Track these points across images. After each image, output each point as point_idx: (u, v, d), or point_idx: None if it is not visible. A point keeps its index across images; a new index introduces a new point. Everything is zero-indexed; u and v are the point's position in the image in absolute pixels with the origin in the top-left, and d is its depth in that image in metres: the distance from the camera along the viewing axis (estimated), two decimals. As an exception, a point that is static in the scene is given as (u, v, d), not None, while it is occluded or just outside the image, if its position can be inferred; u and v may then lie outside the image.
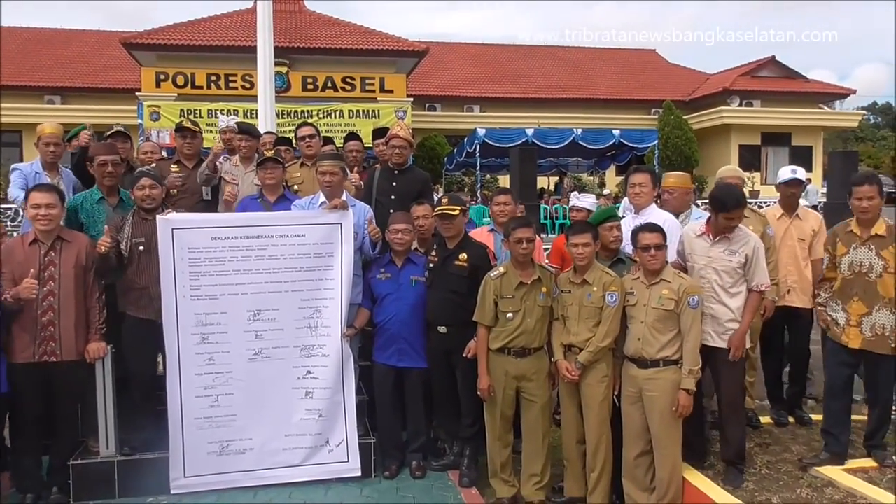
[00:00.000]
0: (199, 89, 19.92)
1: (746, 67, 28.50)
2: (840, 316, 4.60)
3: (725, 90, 26.70)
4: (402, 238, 4.96)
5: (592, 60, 30.53)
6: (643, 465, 4.37)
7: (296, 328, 4.84)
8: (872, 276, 4.44)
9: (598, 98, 27.37)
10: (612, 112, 26.18)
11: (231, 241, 4.72)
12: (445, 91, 26.53)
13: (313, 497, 4.69)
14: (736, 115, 26.05)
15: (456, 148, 19.76)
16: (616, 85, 28.65)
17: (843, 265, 4.58)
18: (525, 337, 4.49)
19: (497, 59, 29.61)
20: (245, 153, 5.94)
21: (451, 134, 23.12)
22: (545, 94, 27.44)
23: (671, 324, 4.23)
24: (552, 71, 29.25)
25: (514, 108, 26.03)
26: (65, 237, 4.56)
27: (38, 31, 27.66)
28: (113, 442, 4.70)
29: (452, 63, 28.30)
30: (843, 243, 4.59)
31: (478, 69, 28.59)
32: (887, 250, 4.40)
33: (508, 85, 27.76)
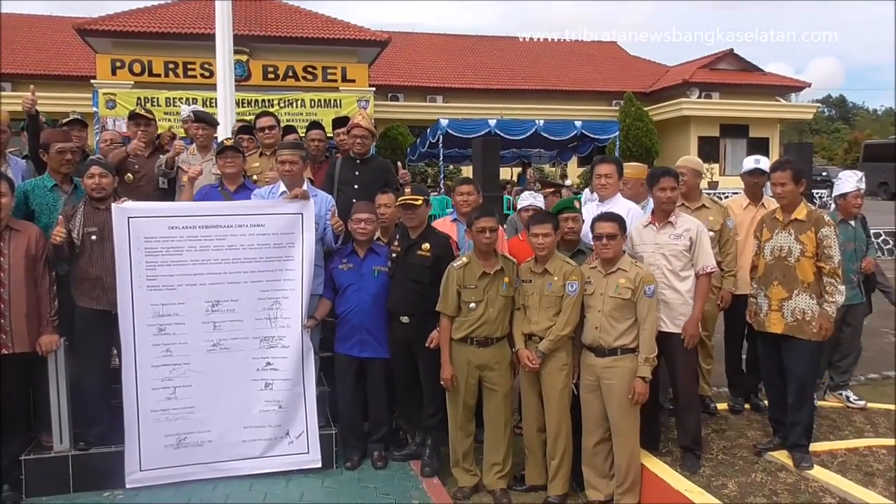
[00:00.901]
0: (156, 77, 19.49)
1: (705, 60, 28.93)
2: (763, 301, 4.67)
3: (685, 82, 27.08)
4: (365, 228, 4.93)
5: (554, 52, 30.67)
6: (602, 452, 4.43)
7: (255, 319, 4.77)
8: (791, 261, 4.51)
9: (559, 89, 27.52)
10: (573, 103, 26.34)
11: (189, 231, 4.63)
12: (408, 81, 26.43)
13: (274, 489, 4.65)
14: (695, 106, 26.43)
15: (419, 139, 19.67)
16: (578, 76, 28.85)
17: (766, 250, 4.66)
18: (487, 327, 4.50)
19: (460, 50, 29.58)
20: (202, 142, 5.85)
21: (414, 124, 23.03)
22: (508, 85, 27.50)
23: (628, 312, 4.28)
24: (515, 62, 29.32)
25: (476, 99, 26.05)
26: (13, 226, 4.44)
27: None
28: (67, 436, 4.59)
29: (415, 53, 28.19)
30: (769, 228, 4.68)
31: (441, 59, 28.54)
32: (806, 234, 4.46)
33: (471, 76, 27.76)
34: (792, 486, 4.25)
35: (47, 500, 4.47)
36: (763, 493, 4.18)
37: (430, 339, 4.71)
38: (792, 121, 30.78)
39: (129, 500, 4.50)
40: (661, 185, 4.61)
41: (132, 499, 4.51)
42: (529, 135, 16.87)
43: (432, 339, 4.70)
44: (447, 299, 4.56)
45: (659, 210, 4.66)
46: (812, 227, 4.46)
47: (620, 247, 4.38)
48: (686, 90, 26.99)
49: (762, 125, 27.52)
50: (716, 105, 27.09)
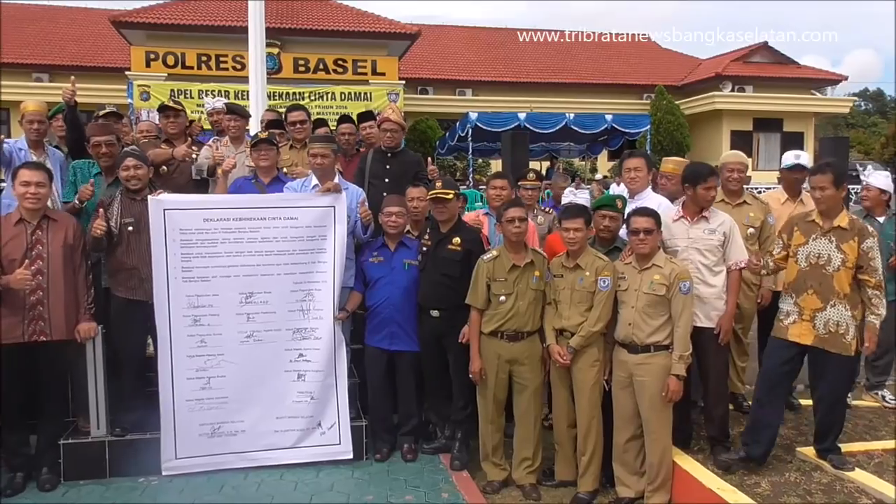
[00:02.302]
0: (189, 69, 19.72)
1: (739, 53, 28.51)
2: (792, 309, 4.35)
3: (718, 76, 26.71)
4: (396, 221, 4.94)
5: (585, 45, 30.41)
6: (633, 449, 4.40)
7: (288, 311, 4.82)
8: (830, 270, 4.23)
9: (590, 83, 27.32)
10: (604, 97, 26.12)
11: (223, 223, 4.69)
12: (438, 74, 26.39)
13: (305, 479, 4.69)
14: (728, 100, 26.07)
15: (448, 132, 19.68)
16: (609, 69, 28.60)
17: (799, 256, 4.35)
18: (517, 320, 4.49)
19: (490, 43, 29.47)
20: (234, 133, 5.90)
21: (443, 118, 23.03)
22: (538, 78, 27.35)
23: (662, 309, 4.24)
24: (545, 55, 29.14)
25: (506, 92, 25.95)
26: (51, 216, 4.52)
27: (25, 8, 27.28)
28: (104, 422, 4.69)
29: (445, 46, 28.15)
30: (802, 233, 4.36)
31: (471, 52, 28.46)
32: (848, 244, 4.19)
33: (501, 69, 27.65)
34: (827, 487, 4.19)
35: (84, 484, 4.57)
36: (797, 492, 4.12)
37: (463, 335, 4.71)
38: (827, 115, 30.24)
39: (164, 485, 4.57)
40: (709, 183, 4.51)
41: (166, 485, 4.58)
42: (559, 128, 16.83)
43: (464, 334, 4.70)
44: (476, 292, 4.56)
45: (695, 205, 4.60)
46: (855, 237, 4.22)
47: (657, 242, 4.34)
48: (719, 83, 26.63)
49: (797, 119, 27.05)
50: (749, 99, 26.70)
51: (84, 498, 4.41)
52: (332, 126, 7.45)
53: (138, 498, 4.43)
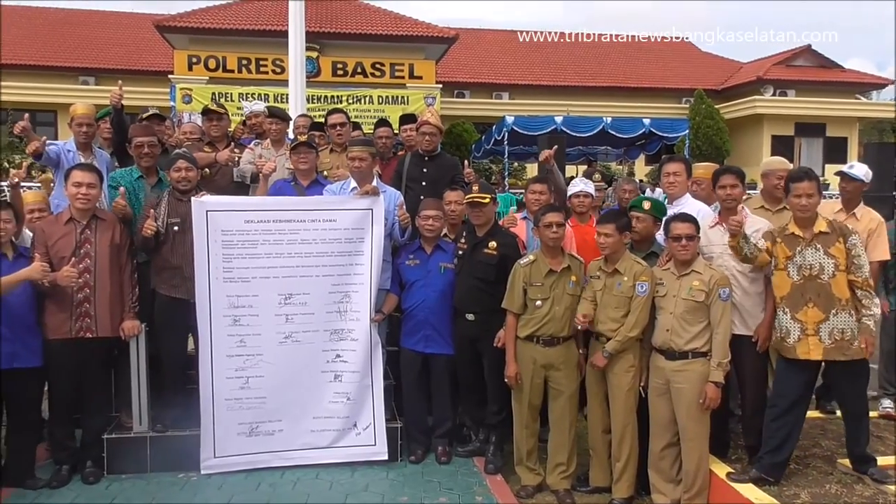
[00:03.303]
0: (230, 73, 20.03)
1: (781, 56, 27.99)
2: (792, 326, 4.19)
3: (759, 79, 26.26)
4: (433, 225, 4.97)
5: (623, 48, 30.16)
6: (669, 456, 4.36)
7: (326, 312, 4.88)
8: (825, 279, 4.12)
9: (628, 86, 27.06)
10: (642, 100, 25.88)
11: (264, 225, 4.77)
12: (474, 78, 26.39)
13: (340, 479, 4.74)
14: (769, 104, 25.60)
15: (484, 135, 19.66)
16: (647, 73, 28.30)
17: (790, 269, 4.21)
18: (553, 325, 4.48)
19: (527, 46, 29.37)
20: (275, 136, 5.99)
21: (479, 121, 23.00)
22: (575, 81, 27.18)
23: (700, 315, 4.20)
24: (582, 58, 28.96)
25: (543, 96, 25.84)
26: (100, 216, 4.66)
27: (72, 12, 27.98)
28: (145, 418, 4.80)
29: (482, 49, 28.15)
30: (787, 245, 4.23)
31: (507, 56, 28.41)
32: (835, 247, 4.11)
33: (538, 72, 27.55)
34: (869, 500, 4.11)
35: (126, 478, 4.68)
36: (838, 505, 4.06)
37: (498, 339, 4.72)
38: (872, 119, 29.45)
39: (202, 482, 4.66)
40: (721, 182, 4.52)
41: (205, 481, 4.67)
42: (596, 132, 16.70)
43: (499, 338, 4.71)
44: (513, 296, 4.57)
45: (724, 209, 4.56)
46: (839, 238, 4.14)
47: (696, 248, 4.31)
48: (760, 87, 26.19)
49: (840, 124, 26.46)
50: (791, 103, 26.19)
51: (126, 491, 4.51)
52: (369, 129, 7.52)
53: (178, 493, 4.52)
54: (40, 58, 23.79)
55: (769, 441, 4.29)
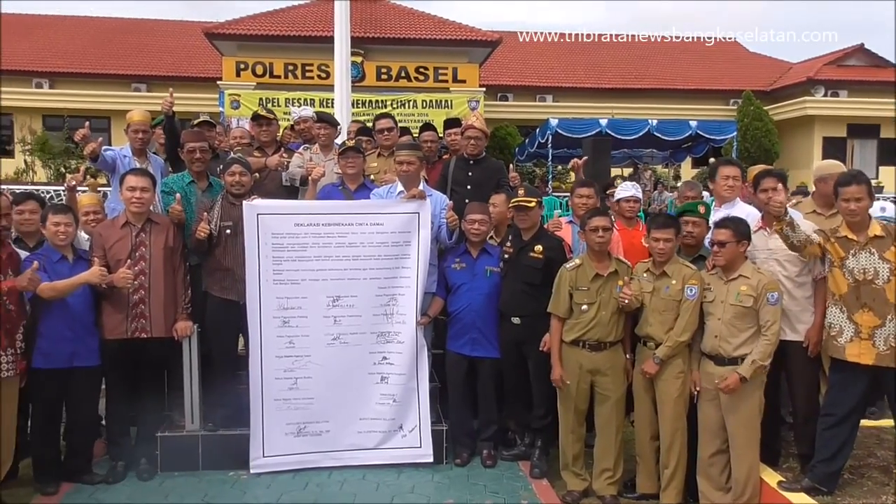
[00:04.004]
0: (276, 78, 20.33)
1: (832, 56, 27.29)
2: (846, 326, 4.09)
3: (809, 80, 25.65)
4: (479, 229, 4.99)
5: (669, 50, 29.77)
6: (719, 463, 4.30)
7: (373, 315, 4.93)
8: (880, 283, 4.00)
9: (674, 88, 26.69)
10: (688, 102, 25.50)
11: (313, 228, 4.85)
12: (518, 81, 26.33)
13: (386, 480, 4.79)
14: (820, 105, 25.00)
15: (527, 138, 19.63)
16: (693, 75, 27.88)
17: (845, 270, 4.11)
18: (599, 329, 4.46)
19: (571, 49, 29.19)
20: (324, 141, 6.08)
21: (523, 124, 22.95)
22: (620, 84, 26.93)
23: (749, 321, 4.14)
24: (627, 60, 28.66)
25: (587, 98, 25.65)
26: (154, 219, 4.79)
27: (125, 21, 28.74)
28: (197, 417, 4.91)
29: (526, 52, 28.05)
30: (841, 246, 4.14)
31: (551, 59, 28.28)
32: (890, 251, 3.97)
33: (582, 75, 27.37)
34: (927, 513, 4.00)
35: (178, 475, 4.79)
36: (894, 517, 3.95)
37: (543, 343, 4.71)
38: (929, 120, 28.59)
39: (252, 480, 4.75)
40: (763, 185, 4.44)
41: (254, 480, 4.76)
42: (642, 135, 16.56)
43: (545, 342, 4.71)
44: (559, 300, 4.55)
45: (766, 213, 4.46)
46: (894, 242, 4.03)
47: (733, 254, 4.20)
48: (811, 88, 25.59)
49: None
50: (843, 104, 25.53)
51: (179, 488, 4.62)
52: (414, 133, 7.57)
53: (228, 491, 4.62)
54: (95, 66, 24.51)
55: (823, 450, 4.20)
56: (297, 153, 6.02)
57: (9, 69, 23.81)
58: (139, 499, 4.48)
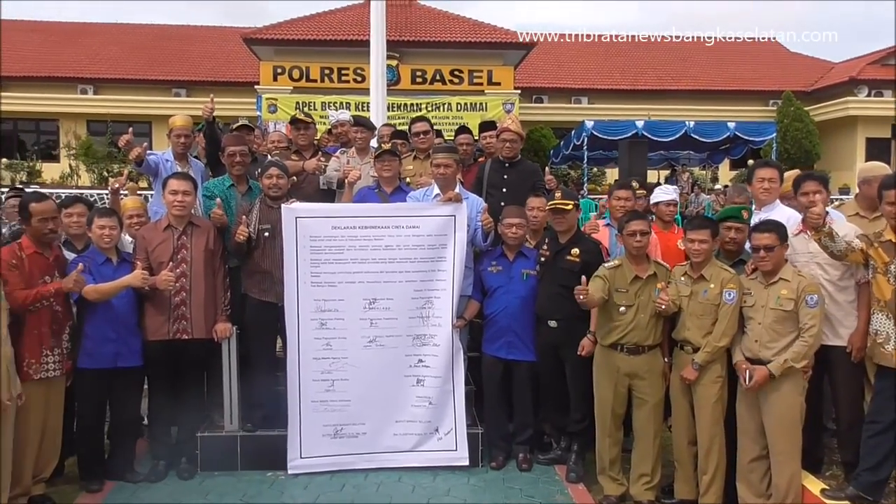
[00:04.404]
0: (313, 82, 20.55)
1: (876, 55, 26.67)
2: (893, 333, 3.99)
3: (852, 79, 25.11)
4: (517, 232, 4.98)
5: (706, 50, 29.36)
6: (759, 469, 4.23)
7: (409, 317, 4.95)
8: None
9: (712, 89, 26.35)
10: (726, 103, 25.15)
11: (350, 231, 4.89)
12: (553, 83, 26.24)
13: (421, 482, 4.80)
14: (864, 105, 24.45)
15: (562, 140, 19.55)
16: (732, 75, 27.48)
17: (889, 275, 4.02)
18: (638, 333, 4.42)
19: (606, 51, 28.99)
20: (360, 145, 6.12)
21: (558, 126, 22.87)
22: (656, 85, 26.68)
23: (790, 325, 4.07)
24: (664, 62, 28.37)
25: (623, 100, 25.46)
26: (195, 222, 4.87)
27: (166, 28, 29.30)
28: (236, 417, 4.98)
29: (561, 54, 27.92)
30: (885, 251, 4.05)
31: (586, 61, 28.12)
32: None
33: (618, 76, 27.16)
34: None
35: (218, 475, 4.87)
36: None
37: (581, 347, 4.69)
38: (977, 120, 27.77)
39: (290, 481, 4.80)
40: (804, 189, 4.37)
41: (292, 480, 4.81)
42: (679, 136, 16.37)
43: (582, 346, 4.68)
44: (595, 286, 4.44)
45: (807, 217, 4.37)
46: None
47: (780, 257, 4.16)
48: (853, 88, 25.05)
49: (942, 125, 25.04)
50: (888, 104, 24.90)
51: (218, 487, 4.70)
52: (449, 136, 7.59)
53: (266, 491, 4.67)
54: (136, 72, 25.04)
55: (868, 458, 4.10)
56: (334, 157, 6.08)
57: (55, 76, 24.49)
58: (180, 498, 4.56)
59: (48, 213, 4.35)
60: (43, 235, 4.35)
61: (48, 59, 25.38)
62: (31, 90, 24.12)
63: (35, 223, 4.31)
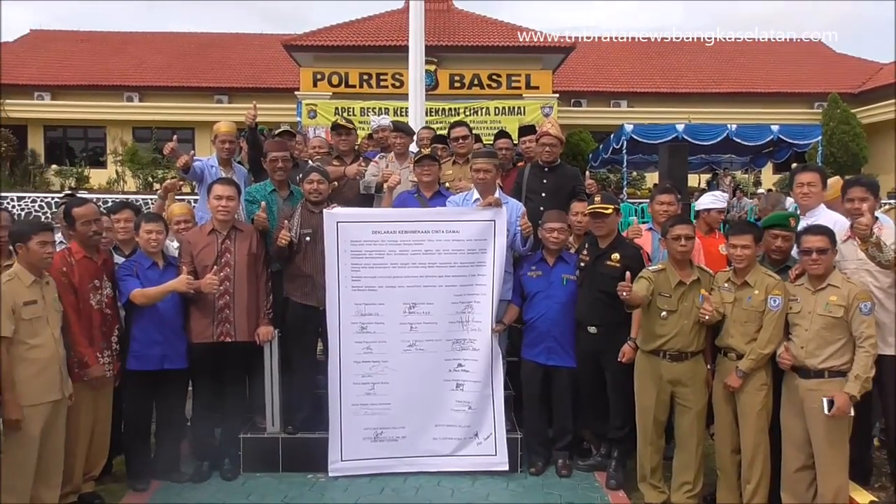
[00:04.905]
0: (352, 88, 20.76)
1: (927, 56, 26.00)
2: None
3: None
4: (558, 237, 4.97)
5: (749, 52, 28.90)
6: (804, 479, 4.14)
7: (448, 322, 4.97)
8: None
9: (754, 92, 25.93)
10: (770, 106, 24.72)
11: (390, 236, 4.93)
12: (592, 86, 26.06)
13: (461, 487, 4.81)
14: (913, 107, 23.81)
15: (601, 144, 19.42)
16: (775, 77, 27.00)
17: None
18: (681, 339, 4.37)
19: (646, 53, 28.72)
20: (400, 150, 6.17)
21: (597, 130, 22.71)
22: (697, 88, 26.33)
23: (839, 332, 3.98)
24: (704, 64, 28.00)
25: (663, 104, 25.18)
26: (239, 227, 4.95)
27: (209, 36, 29.84)
28: (278, 420, 5.04)
29: (599, 57, 27.75)
30: None
31: (625, 63, 27.88)
32: None
33: (657, 79, 26.88)
34: None
35: (260, 476, 4.93)
36: None
37: (622, 353, 4.66)
38: None
39: (330, 483, 4.85)
40: (850, 195, 4.29)
41: (332, 482, 4.85)
42: (720, 140, 16.15)
43: (623, 353, 4.65)
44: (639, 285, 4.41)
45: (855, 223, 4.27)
46: None
47: (830, 262, 4.09)
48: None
49: None
50: (939, 105, 24.24)
51: (260, 489, 4.76)
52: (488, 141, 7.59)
53: (308, 493, 4.72)
54: (180, 79, 25.56)
55: None
56: (374, 161, 6.13)
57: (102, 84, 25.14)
58: (224, 498, 4.63)
59: (90, 216, 4.46)
60: (88, 238, 4.47)
61: (96, 69, 26.08)
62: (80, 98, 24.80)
63: (79, 227, 4.43)
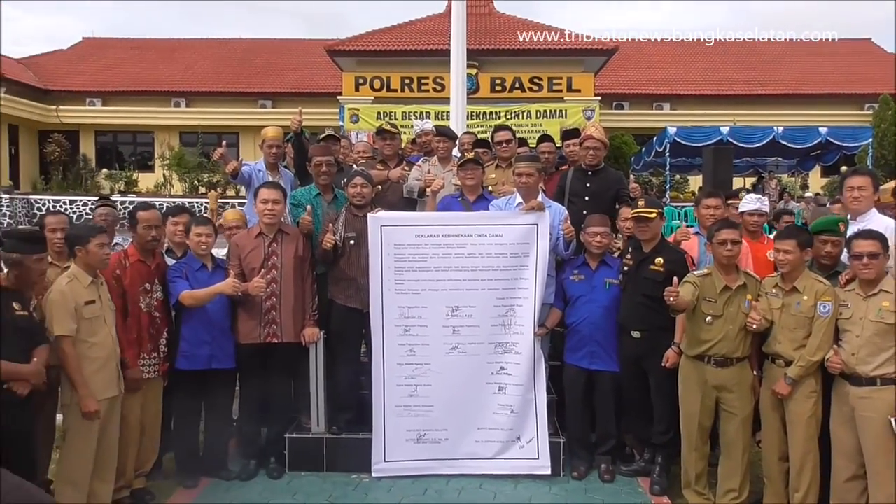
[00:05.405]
0: (393, 92, 20.94)
1: (984, 55, 25.20)
2: None
3: (956, 81, 23.77)
4: (601, 241, 4.96)
5: (796, 53, 28.37)
6: (855, 489, 4.05)
7: (491, 325, 4.98)
8: None
9: (802, 93, 25.44)
10: (818, 108, 24.23)
11: (433, 239, 4.96)
12: (634, 89, 25.88)
13: (503, 490, 4.81)
14: (968, 108, 23.07)
15: (644, 147, 19.23)
16: (823, 78, 26.46)
17: None
18: (726, 345, 4.32)
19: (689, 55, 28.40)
20: (443, 154, 6.21)
21: (639, 133, 22.51)
22: (742, 90, 25.94)
23: (891, 339, 3.89)
24: (750, 65, 27.56)
25: (707, 106, 24.86)
26: (285, 230, 5.04)
27: (254, 42, 30.42)
28: (322, 420, 5.12)
29: (642, 59, 27.53)
30: None
31: (668, 65, 27.61)
32: None
33: (701, 81, 26.55)
34: None
35: (305, 475, 5.01)
36: None
37: (666, 358, 4.62)
38: None
39: (374, 483, 4.90)
40: None
41: (375, 483, 4.90)
42: (766, 142, 15.87)
43: (667, 357, 4.62)
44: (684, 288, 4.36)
45: None
46: None
47: (883, 267, 4.00)
48: (958, 89, 23.68)
49: None
50: None
51: (305, 488, 4.84)
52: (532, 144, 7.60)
53: (351, 493, 4.78)
54: (225, 85, 26.08)
55: None
56: (417, 166, 6.18)
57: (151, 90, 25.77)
58: (270, 497, 4.71)
59: (153, 220, 4.62)
60: (147, 242, 4.61)
61: (145, 75, 26.77)
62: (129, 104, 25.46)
63: (140, 230, 4.58)
